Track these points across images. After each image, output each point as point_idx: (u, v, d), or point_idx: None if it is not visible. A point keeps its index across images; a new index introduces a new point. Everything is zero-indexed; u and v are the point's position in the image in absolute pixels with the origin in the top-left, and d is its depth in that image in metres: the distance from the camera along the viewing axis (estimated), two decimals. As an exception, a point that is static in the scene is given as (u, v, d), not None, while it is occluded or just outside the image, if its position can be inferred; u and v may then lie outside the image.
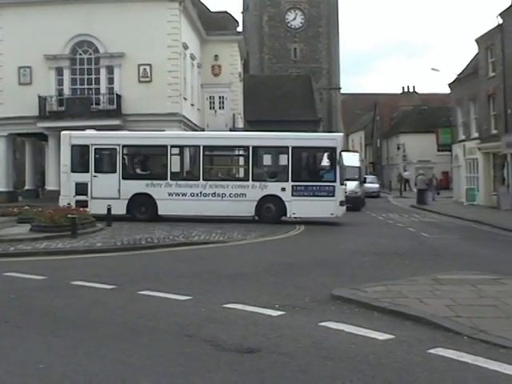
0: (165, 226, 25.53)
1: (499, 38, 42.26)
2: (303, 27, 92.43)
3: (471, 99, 48.77)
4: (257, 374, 7.42)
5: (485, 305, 10.78)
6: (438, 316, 9.85)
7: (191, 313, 10.51)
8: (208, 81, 54.04)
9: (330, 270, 15.62)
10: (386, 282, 12.66)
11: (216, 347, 8.43)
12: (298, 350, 8.30)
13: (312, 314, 10.46)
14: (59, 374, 7.45)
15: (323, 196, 27.69)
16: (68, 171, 29.15)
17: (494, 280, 13.30)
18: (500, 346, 8.42)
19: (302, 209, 27.84)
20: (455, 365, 7.72)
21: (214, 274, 14.76)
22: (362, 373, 7.41)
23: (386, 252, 19.63)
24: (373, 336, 8.96)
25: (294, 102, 70.30)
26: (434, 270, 14.83)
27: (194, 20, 49.07)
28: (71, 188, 28.83)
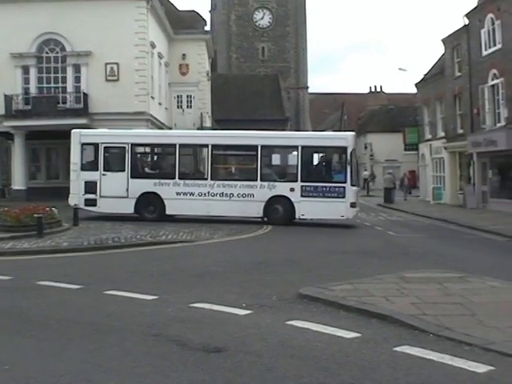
0: (133, 225, 25.41)
1: (465, 38, 42.61)
2: (271, 26, 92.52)
3: (437, 99, 49.14)
4: (223, 373, 7.42)
5: (450, 303, 10.87)
6: (404, 314, 9.91)
7: (158, 312, 10.48)
8: (176, 80, 53.96)
9: (297, 269, 15.66)
10: (353, 281, 12.70)
11: (183, 347, 8.42)
12: (265, 349, 8.31)
13: (279, 312, 10.48)
14: (25, 375, 7.39)
15: (333, 197, 26.90)
16: (78, 169, 28.91)
17: (459, 278, 13.41)
18: (465, 344, 8.50)
19: (311, 210, 27.15)
20: (421, 362, 7.78)
21: (180, 274, 14.73)
22: (328, 371, 7.45)
23: (353, 251, 19.72)
24: (339, 334, 9.00)
25: (262, 101, 70.36)
26: (400, 268, 14.90)
27: (162, 19, 48.95)
28: (80, 186, 28.59)
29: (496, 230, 26.36)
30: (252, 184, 27.61)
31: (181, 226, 25.49)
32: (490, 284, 12.74)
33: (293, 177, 27.56)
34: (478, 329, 9.17)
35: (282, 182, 27.78)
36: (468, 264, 16.90)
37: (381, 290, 11.83)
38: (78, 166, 28.97)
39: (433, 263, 16.62)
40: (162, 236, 22.36)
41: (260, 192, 27.47)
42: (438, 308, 10.39)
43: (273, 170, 28.79)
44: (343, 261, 17.37)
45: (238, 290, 12.55)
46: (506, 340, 8.59)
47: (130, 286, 12.81)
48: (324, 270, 15.60)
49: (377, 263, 16.87)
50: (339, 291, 11.69)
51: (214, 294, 12.05)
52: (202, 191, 27.75)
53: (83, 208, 28.50)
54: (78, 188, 28.61)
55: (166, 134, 31.14)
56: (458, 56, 44.78)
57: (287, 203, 27.33)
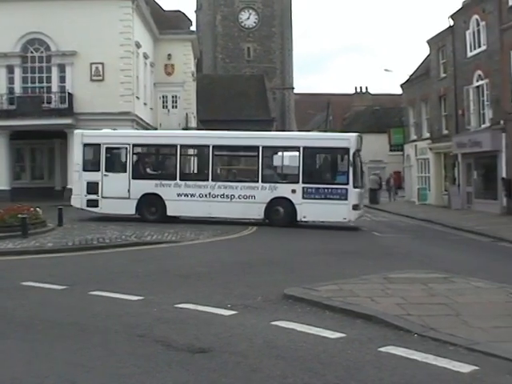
0: (117, 225, 25.36)
1: (450, 39, 42.80)
2: (257, 27, 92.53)
3: (423, 100, 49.32)
4: (208, 373, 7.41)
5: (435, 303, 10.91)
6: (389, 314, 9.94)
7: (143, 313, 10.45)
8: (161, 80, 53.94)
9: (282, 270, 15.66)
10: (338, 281, 12.72)
11: (167, 347, 8.41)
12: (250, 350, 8.31)
13: (264, 313, 10.48)
14: (9, 376, 7.35)
15: (335, 199, 26.32)
16: (80, 170, 28.74)
17: (444, 278, 13.45)
18: (449, 344, 8.53)
19: (312, 212, 26.69)
20: (405, 362, 7.80)
21: (165, 274, 14.71)
22: (313, 371, 7.45)
23: (338, 251, 19.76)
24: (324, 335, 9.01)
25: (248, 101, 70.37)
26: (385, 268, 14.93)
27: (147, 19, 48.91)
28: (82, 187, 28.45)
29: (480, 231, 26.50)
30: (253, 185, 27.29)
31: (165, 226, 25.43)
32: (474, 284, 12.79)
33: (294, 178, 27.05)
34: (463, 329, 9.21)
35: (283, 183, 27.34)
36: (453, 264, 16.96)
37: (366, 290, 11.86)
38: (80, 166, 28.80)
39: (417, 264, 16.68)
40: (147, 236, 22.30)
41: (261, 193, 27.07)
42: (422, 308, 10.43)
43: (274, 172, 28.38)
44: (328, 261, 17.40)
45: (223, 290, 12.54)
46: (490, 340, 8.63)
47: (114, 286, 12.77)
48: (309, 270, 15.62)
49: (362, 264, 16.89)
50: (324, 291, 11.70)
51: (199, 294, 12.04)
52: (202, 192, 27.47)
53: (85, 209, 28.54)
54: (80, 189, 28.50)
55: (167, 135, 31.04)
56: (443, 57, 44.98)
57: (288, 205, 26.92)
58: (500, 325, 9.55)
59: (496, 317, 10.01)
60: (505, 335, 8.99)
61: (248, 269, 15.71)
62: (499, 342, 8.56)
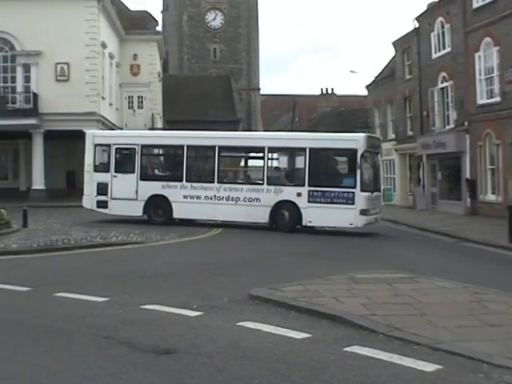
0: (82, 227, 25.21)
1: (415, 41, 43.17)
2: (223, 28, 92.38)
3: (388, 101, 49.67)
4: (174, 374, 7.41)
5: (400, 303, 11.00)
6: (354, 314, 10.00)
7: (108, 314, 10.41)
8: (127, 80, 53.75)
9: (248, 270, 15.68)
10: (303, 282, 12.76)
11: (133, 349, 8.38)
12: (216, 350, 8.31)
13: (230, 314, 10.49)
14: (-28, 378, 7.30)
15: (342, 203, 24.94)
16: (91, 171, 28.45)
17: (409, 278, 13.57)
18: (414, 343, 8.61)
19: (318, 217, 25.30)
20: (370, 362, 7.85)
21: (131, 275, 14.66)
22: (278, 372, 7.47)
23: (303, 252, 19.81)
24: (290, 335, 9.04)
25: (214, 102, 70.22)
26: (350, 269, 14.99)
27: (113, 19, 48.69)
28: (93, 188, 28.17)
29: (445, 231, 26.71)
30: (258, 188, 26.33)
31: (132, 227, 25.33)
32: (439, 284, 12.92)
33: (300, 181, 25.86)
34: (427, 329, 9.30)
35: (288, 186, 26.15)
36: (417, 265, 17.08)
37: (331, 290, 11.92)
38: (91, 167, 28.50)
39: (383, 264, 16.76)
40: (113, 237, 22.19)
41: (266, 196, 26.02)
42: (387, 308, 10.51)
43: (280, 174, 27.30)
44: (294, 262, 17.45)
45: (189, 291, 12.53)
46: (454, 339, 8.72)
47: (80, 287, 12.70)
48: (275, 271, 15.65)
49: (327, 264, 16.96)
50: (290, 292, 11.74)
51: (165, 295, 12.01)
52: (208, 194, 26.69)
53: (95, 210, 28.31)
54: (91, 190, 28.24)
55: (174, 135, 30.05)
56: (408, 59, 45.35)
57: (294, 209, 25.70)
58: (464, 324, 9.65)
59: (460, 316, 10.11)
60: (468, 334, 9.09)
61: (214, 270, 15.70)
62: (463, 341, 8.65)
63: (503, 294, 12.00)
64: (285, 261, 17.70)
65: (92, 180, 28.32)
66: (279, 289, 12.03)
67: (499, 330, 9.43)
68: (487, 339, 8.86)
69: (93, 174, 28.36)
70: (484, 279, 14.39)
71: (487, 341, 8.77)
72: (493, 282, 13.72)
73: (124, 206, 27.47)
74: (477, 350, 8.22)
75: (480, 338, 8.94)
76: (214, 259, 17.70)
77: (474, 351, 8.17)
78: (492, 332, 9.28)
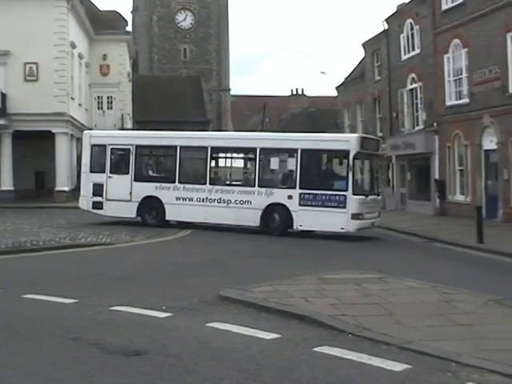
0: (51, 228, 25.03)
1: (385, 42, 43.39)
2: (193, 28, 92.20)
3: (358, 102, 49.87)
4: (143, 376, 7.37)
5: (369, 303, 11.05)
6: (323, 315, 10.03)
7: (77, 316, 10.35)
8: (96, 80, 53.51)
9: (218, 271, 15.67)
10: (273, 283, 12.77)
11: (102, 350, 8.34)
12: (185, 352, 8.29)
13: (199, 314, 10.47)
14: None
15: (333, 207, 23.91)
16: (87, 171, 28.14)
17: (378, 279, 13.63)
18: (383, 343, 8.66)
19: (309, 220, 24.32)
20: (339, 362, 7.88)
21: (100, 277, 14.59)
22: (248, 372, 7.47)
23: (273, 253, 19.82)
24: (260, 336, 9.04)
25: (184, 102, 70.05)
26: (319, 269, 15.02)
27: (82, 18, 48.42)
28: (89, 189, 27.82)
29: (414, 232, 26.88)
30: (249, 190, 25.49)
31: (101, 228, 25.20)
32: (408, 284, 12.99)
33: (291, 183, 24.99)
34: (396, 328, 9.35)
35: (279, 188, 25.28)
36: (386, 265, 17.17)
37: (300, 291, 11.94)
38: (87, 167, 28.19)
39: (352, 264, 16.84)
40: (82, 239, 22.05)
41: (257, 199, 25.16)
42: (356, 308, 10.55)
43: (271, 176, 26.38)
44: (264, 263, 17.45)
45: (159, 292, 12.49)
46: (422, 339, 8.78)
47: (48, 289, 12.61)
48: (244, 272, 15.65)
49: (296, 265, 16.99)
50: (259, 293, 11.74)
51: (134, 296, 11.96)
52: (200, 196, 26.04)
53: (91, 211, 27.96)
54: (87, 190, 27.93)
55: (167, 136, 29.22)
56: (377, 60, 45.58)
57: (285, 212, 24.81)
58: (432, 324, 9.72)
59: (429, 316, 10.18)
60: (437, 334, 9.15)
61: (183, 270, 15.67)
62: (431, 341, 8.71)
63: (472, 294, 12.09)
64: (255, 262, 17.69)
65: (88, 181, 28.02)
66: (249, 289, 12.04)
67: (468, 329, 9.50)
68: (456, 339, 8.92)
69: (89, 174, 28.06)
70: (453, 279, 14.50)
71: (456, 340, 8.83)
72: (462, 282, 13.84)
73: (118, 208, 27.10)
74: (445, 350, 8.27)
75: (449, 337, 9.00)
76: (184, 260, 17.68)
77: (443, 350, 8.23)
78: (461, 331, 9.35)
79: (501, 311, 10.79)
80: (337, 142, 25.86)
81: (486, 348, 8.42)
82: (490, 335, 9.18)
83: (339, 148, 24.71)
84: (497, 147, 30.60)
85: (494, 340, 8.92)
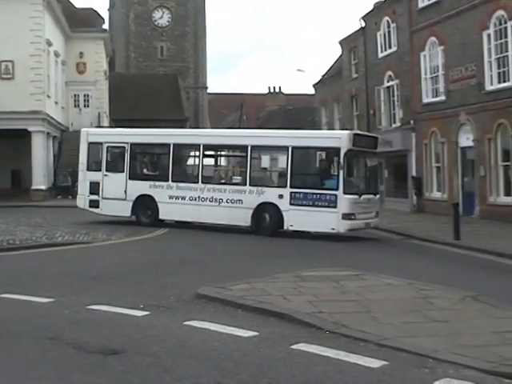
0: (28, 227, 24.88)
1: (362, 40, 43.52)
2: (170, 26, 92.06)
3: (335, 100, 50.02)
4: (121, 375, 7.35)
5: (346, 300, 11.10)
6: (301, 312, 10.04)
7: (54, 315, 10.29)
8: (73, 78, 53.28)
9: (195, 270, 15.66)
10: (251, 280, 12.77)
11: (79, 349, 8.30)
12: (163, 350, 8.27)
13: (177, 313, 10.46)
14: None
15: (323, 206, 23.01)
16: (84, 170, 27.85)
17: (355, 276, 13.67)
18: (360, 340, 8.69)
19: (300, 220, 23.46)
20: (317, 359, 7.89)
21: (77, 276, 14.52)
22: (225, 370, 7.47)
23: (249, 251, 19.85)
24: (237, 334, 9.04)
25: (161, 100, 69.88)
26: (297, 267, 15.06)
27: (59, 16, 48.15)
28: (86, 187, 27.57)
29: (392, 229, 26.97)
30: (241, 189, 24.72)
31: (78, 227, 25.08)
32: (385, 281, 13.04)
33: (282, 182, 24.23)
34: (373, 325, 9.39)
35: (270, 187, 24.61)
36: (364, 262, 17.26)
37: (278, 288, 11.96)
38: (84, 166, 27.92)
39: (329, 262, 16.85)
40: (59, 237, 21.94)
41: (248, 198, 24.36)
42: (334, 306, 10.58)
43: (262, 174, 26.03)
44: (241, 261, 17.47)
45: (136, 291, 12.46)
46: (399, 335, 8.82)
47: (25, 288, 12.53)
48: (222, 269, 15.63)
49: (274, 263, 17.01)
50: (237, 291, 11.74)
51: (112, 295, 11.92)
52: (192, 195, 25.42)
53: (88, 209, 27.73)
54: (84, 189, 27.70)
55: (161, 133, 28.98)
56: (354, 58, 45.74)
57: (276, 212, 23.97)
58: (409, 320, 9.77)
59: (405, 313, 10.23)
60: (414, 330, 9.20)
61: (161, 269, 15.63)
62: (408, 337, 8.75)
63: (448, 290, 12.17)
64: (232, 260, 17.69)
65: (85, 179, 27.77)
66: (226, 287, 12.03)
67: (444, 325, 9.56)
68: (432, 335, 8.97)
69: (86, 172, 27.81)
70: (430, 276, 14.60)
71: (432, 336, 8.88)
72: (438, 279, 13.92)
73: (114, 206, 26.76)
74: (422, 346, 8.31)
75: (425, 333, 9.05)
76: (161, 258, 17.64)
77: (420, 347, 8.27)
78: (437, 328, 9.40)
79: (477, 307, 10.86)
80: (328, 139, 25.11)
81: (462, 344, 8.48)
82: (467, 331, 9.25)
83: (330, 145, 23.79)
84: (473, 144, 30.79)
85: (470, 336, 8.98)
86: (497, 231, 25.01)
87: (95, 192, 27.29)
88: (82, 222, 26.71)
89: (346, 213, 22.99)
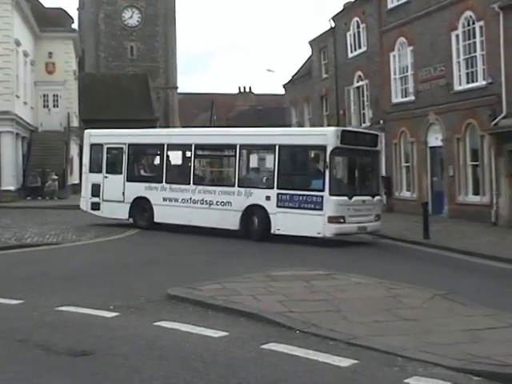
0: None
1: (331, 40, 43.65)
2: (140, 26, 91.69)
3: (305, 100, 50.14)
4: (90, 376, 7.32)
5: (316, 299, 11.12)
6: (271, 312, 10.06)
7: (23, 317, 10.21)
8: (42, 78, 52.86)
9: (165, 270, 15.63)
10: (221, 280, 12.76)
11: (48, 351, 8.26)
12: (133, 351, 8.25)
13: (147, 314, 10.43)
14: None
15: (310, 209, 21.48)
16: (87, 171, 27.39)
17: (325, 275, 13.70)
18: (330, 339, 8.72)
19: (287, 224, 21.82)
20: (287, 359, 7.91)
21: (46, 277, 14.43)
22: (195, 370, 7.47)
23: (221, 251, 19.80)
24: (207, 334, 9.03)
25: (131, 100, 69.59)
26: (268, 267, 15.05)
27: (27, 16, 47.77)
28: (88, 189, 27.08)
29: (361, 228, 27.01)
30: (229, 190, 23.44)
31: (47, 228, 24.92)
32: (355, 280, 13.09)
33: (269, 183, 22.80)
34: (343, 324, 9.43)
35: (258, 188, 23.09)
36: (334, 261, 17.28)
37: (248, 288, 11.96)
38: (87, 167, 27.45)
39: (299, 262, 16.84)
40: (28, 239, 21.79)
41: (237, 200, 23.11)
42: (304, 305, 10.61)
43: (251, 174, 24.46)
44: (211, 261, 17.42)
45: (106, 292, 12.41)
46: (368, 334, 8.86)
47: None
48: (193, 270, 15.64)
49: (244, 262, 17.02)
50: (207, 291, 11.73)
51: (81, 296, 11.85)
52: (184, 197, 24.48)
53: (90, 212, 27.18)
54: (86, 191, 27.22)
55: (156, 133, 28.51)
56: (324, 58, 45.86)
57: (264, 214, 22.50)
58: (379, 319, 9.81)
59: (375, 311, 10.28)
60: (383, 329, 9.24)
61: (131, 270, 15.60)
62: (378, 336, 8.80)
63: (418, 289, 12.24)
64: (203, 260, 17.64)
65: (87, 181, 27.32)
66: (197, 288, 12.01)
67: (414, 324, 9.62)
68: (402, 333, 9.03)
69: (88, 174, 27.36)
70: (400, 275, 14.67)
71: (402, 335, 8.93)
72: (408, 278, 14.02)
73: (113, 209, 26.22)
74: (392, 344, 8.36)
75: (395, 332, 9.10)
76: (131, 259, 17.58)
77: (389, 345, 8.32)
78: (407, 326, 9.46)
79: (446, 305, 10.94)
80: (314, 136, 23.46)
81: (431, 342, 8.54)
82: (436, 329, 9.31)
83: (316, 143, 22.33)
84: (442, 144, 31.00)
85: (439, 334, 9.04)
86: (465, 230, 25.21)
87: (97, 194, 26.77)
88: (52, 223, 26.54)
89: (332, 216, 21.21)
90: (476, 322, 9.80)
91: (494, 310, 10.50)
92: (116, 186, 26.22)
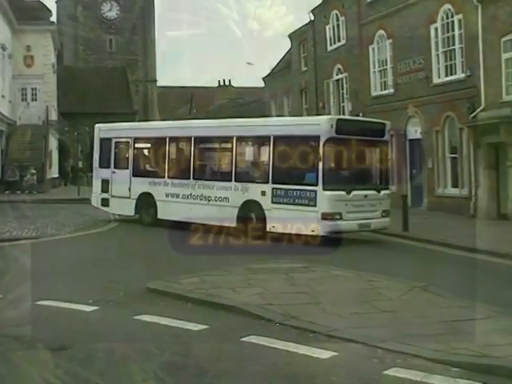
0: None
1: (311, 33, 43.62)
2: (119, 18, 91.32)
3: (284, 93, 50.13)
4: (69, 370, 7.28)
5: (296, 292, 11.16)
6: (251, 304, 10.07)
7: (1, 312, 10.17)
8: (20, 72, 52.43)
9: (145, 264, 15.53)
10: (201, 273, 12.74)
11: (27, 346, 8.20)
12: (112, 345, 8.23)
13: (126, 307, 10.42)
14: None
15: (304, 205, 20.06)
16: (97, 167, 26.93)
17: (304, 268, 13.72)
18: (309, 331, 8.76)
19: (282, 221, 20.44)
20: (266, 351, 7.93)
21: (25, 271, 14.32)
22: (175, 364, 7.46)
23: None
24: (187, 327, 9.03)
25: (110, 94, 69.40)
26: (247, 260, 15.06)
27: (5, 8, 47.37)
28: (98, 185, 26.63)
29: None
30: (227, 185, 22.33)
31: (26, 222, 24.76)
32: (334, 273, 13.13)
33: (265, 177, 21.43)
34: (323, 317, 9.45)
35: (254, 183, 21.84)
36: (313, 254, 17.26)
37: (228, 281, 11.97)
38: (97, 163, 26.98)
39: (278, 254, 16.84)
40: (6, 233, 21.63)
41: (234, 195, 22.00)
42: (283, 298, 10.63)
43: (248, 168, 23.17)
44: (191, 254, 17.37)
45: (85, 286, 12.37)
46: (348, 326, 8.89)
47: (-30, 285, 12.35)
48: (172, 263, 15.57)
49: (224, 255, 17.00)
50: (187, 284, 11.73)
51: (60, 290, 11.79)
52: (185, 193, 23.63)
53: (101, 208, 26.76)
54: (97, 187, 26.77)
55: (160, 126, 27.99)
56: (304, 51, 45.84)
57: (259, 210, 21.19)
58: (358, 311, 9.86)
59: (354, 303, 10.32)
60: (362, 321, 9.28)
61: (110, 263, 15.53)
62: (357, 328, 8.83)
63: (397, 281, 12.29)
64: (182, 253, 17.59)
65: (98, 176, 26.91)
66: (176, 281, 12.00)
67: (392, 315, 9.67)
68: (381, 325, 9.07)
69: (98, 170, 26.98)
70: (379, 267, 14.70)
71: (381, 327, 8.97)
72: (387, 270, 14.06)
73: (120, 205, 25.67)
74: (371, 336, 8.40)
75: (374, 324, 9.14)
76: (111, 253, 17.55)
77: (369, 337, 8.35)
78: (386, 318, 9.51)
79: (424, 297, 11.00)
80: (308, 126, 21.79)
81: (410, 333, 8.58)
82: (415, 321, 9.36)
83: (310, 134, 20.60)
84: (421, 136, 31.11)
85: (418, 325, 9.09)
86: (444, 222, 25.32)
87: (106, 190, 26.29)
88: (31, 217, 26.35)
89: (326, 212, 19.74)
90: (454, 313, 9.85)
91: (472, 302, 10.54)
92: (123, 182, 25.66)
